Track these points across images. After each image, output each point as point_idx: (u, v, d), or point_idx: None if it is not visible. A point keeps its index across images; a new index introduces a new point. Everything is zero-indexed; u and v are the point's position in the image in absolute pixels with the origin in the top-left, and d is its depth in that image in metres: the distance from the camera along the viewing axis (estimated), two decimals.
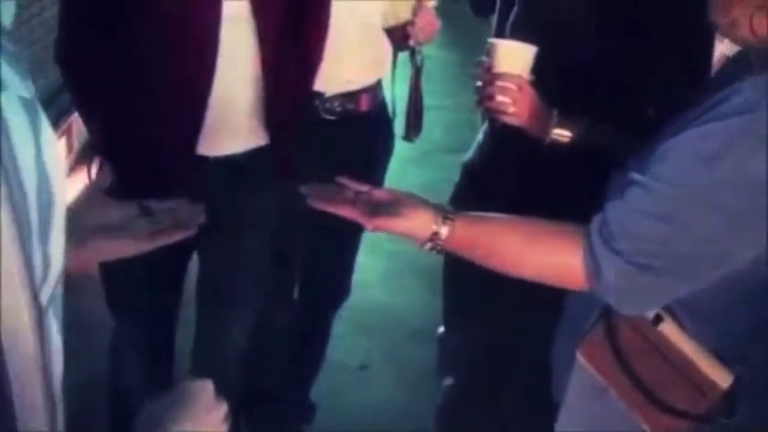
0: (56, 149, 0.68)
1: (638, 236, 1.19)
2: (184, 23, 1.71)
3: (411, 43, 2.14)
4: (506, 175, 1.87)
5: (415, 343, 3.13)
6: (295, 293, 2.49)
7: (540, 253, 1.28)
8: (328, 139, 2.14)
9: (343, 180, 1.38)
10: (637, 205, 1.20)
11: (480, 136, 2.00)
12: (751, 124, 1.12)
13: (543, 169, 1.79)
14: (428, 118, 2.36)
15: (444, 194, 2.03)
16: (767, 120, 1.10)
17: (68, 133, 3.82)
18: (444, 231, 1.28)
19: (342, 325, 2.88)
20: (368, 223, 1.30)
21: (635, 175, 1.22)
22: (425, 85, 2.29)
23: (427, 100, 2.31)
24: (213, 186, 1.87)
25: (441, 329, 2.44)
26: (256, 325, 2.14)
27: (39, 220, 0.64)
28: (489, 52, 1.69)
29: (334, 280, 2.51)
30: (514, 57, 1.67)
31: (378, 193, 1.36)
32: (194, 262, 2.11)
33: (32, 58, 3.45)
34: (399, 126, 2.36)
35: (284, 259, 2.30)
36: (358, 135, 2.22)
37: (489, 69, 1.67)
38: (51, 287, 0.66)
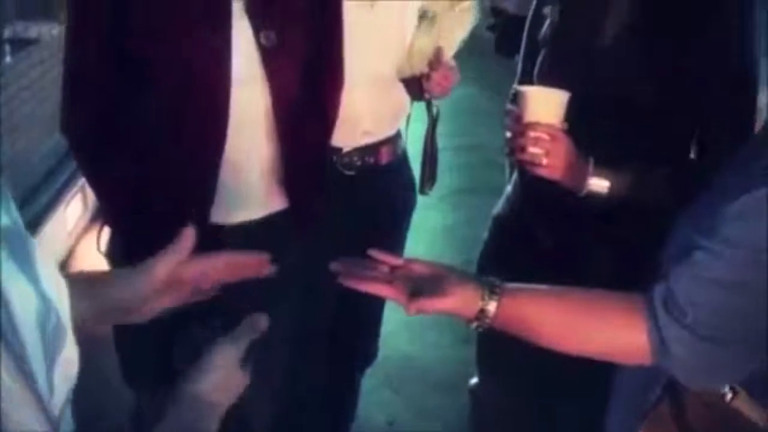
0: (55, 272, 0.68)
1: (710, 308, 1.08)
2: (192, 87, 1.63)
3: (426, 96, 2.06)
4: (539, 230, 1.76)
5: (441, 395, 3.03)
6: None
7: (600, 331, 1.16)
8: (349, 195, 2.04)
9: (376, 253, 1.26)
10: (707, 273, 1.09)
11: (509, 188, 1.89)
12: None
13: (578, 223, 1.68)
14: (443, 160, 2.27)
15: (465, 236, 1.94)
16: None
17: (83, 191, 3.75)
18: (491, 307, 1.17)
19: (366, 380, 2.77)
20: (410, 306, 1.18)
21: (700, 239, 1.11)
22: (442, 127, 2.21)
23: (442, 142, 2.23)
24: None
25: (473, 380, 2.32)
26: (283, 389, 2.05)
27: (44, 352, 0.63)
28: (518, 100, 1.59)
29: (362, 341, 2.42)
30: (546, 105, 1.57)
31: (417, 268, 1.24)
32: None
33: (45, 115, 3.38)
34: None
35: (312, 321, 2.21)
36: (380, 188, 2.13)
37: (519, 118, 1.57)
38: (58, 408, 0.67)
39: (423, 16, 2.06)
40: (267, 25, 1.65)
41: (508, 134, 1.60)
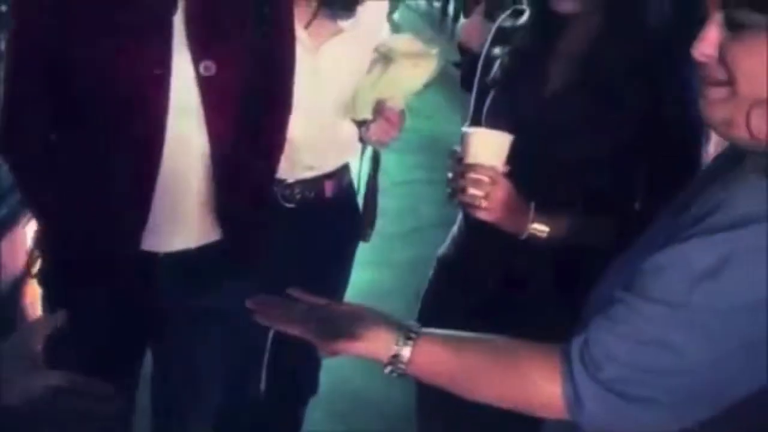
0: None
1: (626, 363, 1.04)
2: (128, 113, 1.60)
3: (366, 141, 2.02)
4: (483, 272, 1.73)
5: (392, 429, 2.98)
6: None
7: (516, 383, 1.12)
8: (290, 228, 2.01)
9: (297, 293, 1.23)
10: (624, 327, 1.05)
11: (455, 229, 1.86)
12: (749, 238, 0.99)
13: (523, 266, 1.66)
14: (418, 192, 2.24)
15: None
16: (765, 235, 0.97)
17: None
18: (405, 353, 1.13)
19: (318, 412, 2.72)
20: (323, 349, 1.15)
21: (620, 293, 1.08)
22: (419, 158, 2.17)
23: (418, 174, 2.20)
24: (164, 282, 1.75)
25: None
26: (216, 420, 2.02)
27: None
28: (461, 140, 1.56)
29: (302, 374, 2.36)
30: (488, 146, 1.54)
31: (336, 308, 1.21)
32: None
33: None
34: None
35: (249, 352, 2.18)
36: (322, 222, 2.09)
37: (461, 159, 1.54)
38: None
39: (380, 56, 2.00)
40: (207, 55, 1.61)
41: (450, 175, 1.58)
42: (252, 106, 1.73)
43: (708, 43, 1.04)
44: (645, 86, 1.53)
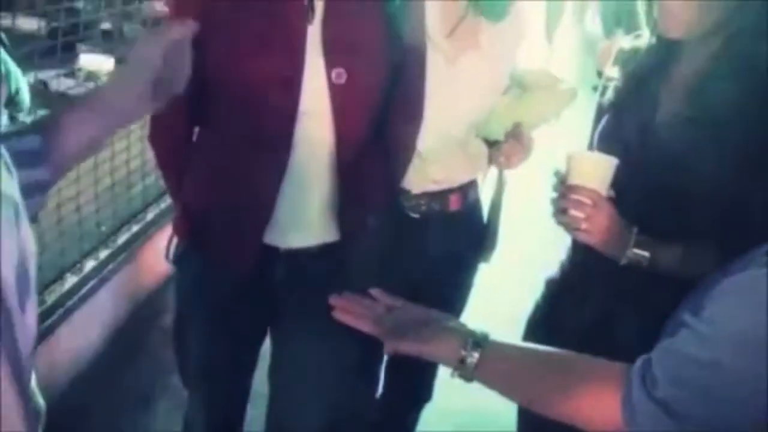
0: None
1: (683, 383, 1.06)
2: (261, 114, 1.71)
3: (494, 164, 2.06)
4: (587, 296, 1.74)
5: None
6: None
7: (575, 397, 1.16)
8: (413, 237, 2.08)
9: (376, 293, 1.31)
10: (685, 349, 1.08)
11: (564, 252, 1.88)
12: None
13: (627, 293, 1.66)
14: None
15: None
16: None
17: None
18: (472, 359, 1.19)
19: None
20: (388, 345, 1.22)
21: (685, 316, 1.10)
22: None
23: None
24: (284, 276, 1.86)
25: None
26: (333, 416, 2.07)
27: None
28: (566, 162, 1.59)
29: (418, 380, 2.43)
30: (591, 169, 1.56)
31: (412, 310, 1.28)
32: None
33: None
34: None
35: (366, 353, 2.25)
36: (445, 235, 2.14)
37: (563, 180, 1.58)
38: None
39: (517, 84, 2.05)
40: (340, 64, 1.70)
41: (554, 195, 1.61)
42: (382, 115, 1.82)
43: None
44: (757, 122, 1.50)
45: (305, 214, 1.82)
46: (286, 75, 1.69)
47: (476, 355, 1.19)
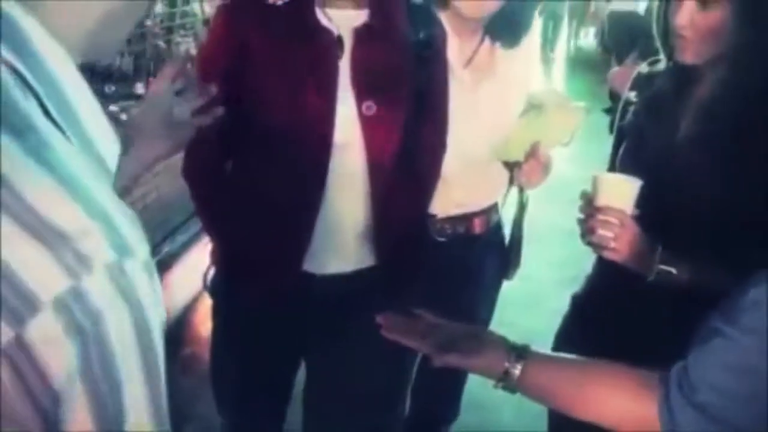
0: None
1: (721, 390, 1.13)
2: (296, 147, 1.79)
3: (515, 183, 2.15)
4: (614, 311, 1.80)
5: None
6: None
7: (614, 403, 1.23)
8: (439, 260, 2.15)
9: (420, 312, 1.38)
10: (721, 357, 1.14)
11: (590, 269, 1.95)
12: None
13: (653, 307, 1.72)
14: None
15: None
16: None
17: None
18: (515, 371, 1.26)
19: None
20: (437, 359, 1.29)
21: (720, 325, 1.16)
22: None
23: None
24: (320, 300, 1.92)
25: None
26: None
27: None
28: (592, 184, 1.67)
29: (445, 398, 2.49)
30: (616, 191, 1.64)
31: (453, 327, 1.35)
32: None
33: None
34: None
35: (396, 373, 2.31)
36: (470, 256, 2.23)
37: (591, 202, 1.65)
38: None
39: (531, 106, 2.15)
40: (369, 96, 1.79)
41: (581, 216, 1.68)
42: (409, 144, 1.89)
43: None
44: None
45: (341, 241, 1.89)
46: (320, 109, 1.77)
47: (519, 366, 1.26)
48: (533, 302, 2.15)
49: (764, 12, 1.59)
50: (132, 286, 0.62)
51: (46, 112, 0.66)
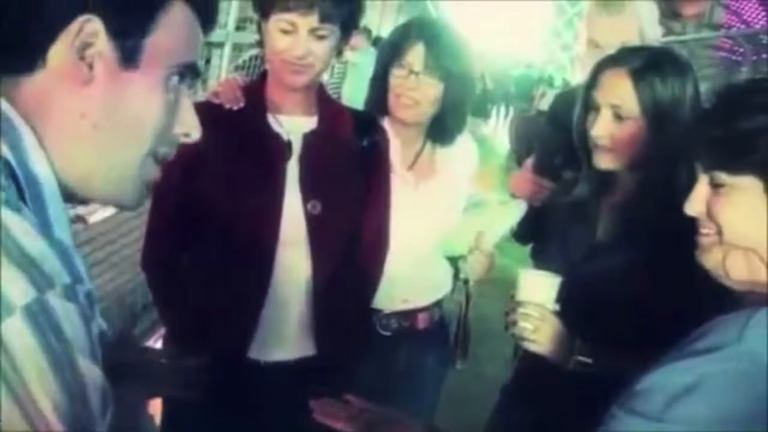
0: None
1: None
2: (245, 242, 1.92)
3: (461, 276, 2.27)
4: (533, 399, 1.90)
5: None
6: None
7: None
8: (383, 353, 2.25)
9: (350, 398, 1.48)
10: None
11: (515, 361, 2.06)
12: (720, 362, 1.17)
13: (570, 392, 1.82)
14: None
15: None
16: (734, 359, 1.15)
17: None
18: None
19: None
20: None
21: (615, 409, 1.27)
22: None
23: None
24: (266, 387, 2.01)
25: None
26: None
27: None
28: (516, 280, 1.79)
29: None
30: (536, 286, 1.77)
31: (382, 412, 1.46)
32: None
33: None
34: None
35: None
36: (413, 351, 2.33)
37: (513, 296, 1.78)
38: None
39: (473, 204, 2.31)
40: (315, 196, 1.93)
41: (506, 311, 1.80)
42: (353, 242, 2.03)
43: (697, 200, 1.29)
44: (675, 241, 1.70)
45: (284, 331, 2.00)
46: (267, 207, 1.91)
47: None
48: (488, 398, 2.22)
49: (674, 124, 1.75)
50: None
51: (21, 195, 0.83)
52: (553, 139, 2.49)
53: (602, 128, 1.79)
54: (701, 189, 1.31)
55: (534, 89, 14.77)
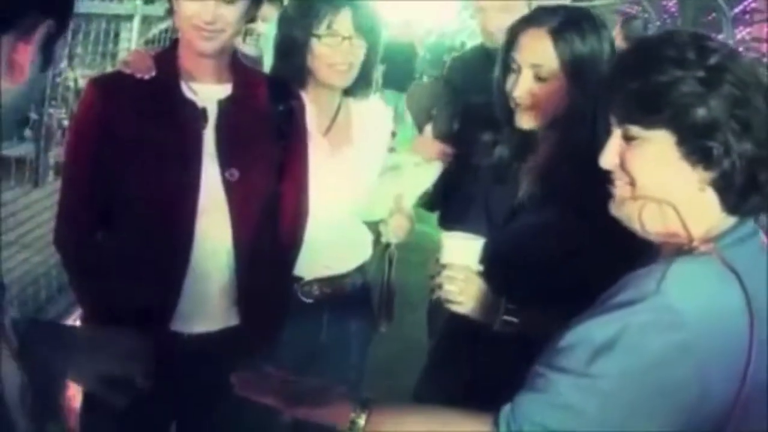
0: None
1: (541, 426, 1.23)
2: (163, 213, 1.88)
3: (382, 239, 2.27)
4: (463, 358, 1.91)
5: None
6: None
7: None
8: (306, 321, 2.24)
9: (271, 370, 1.46)
10: (542, 396, 1.24)
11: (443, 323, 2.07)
12: (640, 313, 1.19)
13: (497, 352, 1.83)
14: None
15: None
16: (653, 310, 1.19)
17: None
18: (360, 420, 1.35)
19: None
20: (287, 411, 1.37)
21: (539, 367, 1.28)
22: None
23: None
24: (190, 359, 1.97)
25: None
26: None
27: None
28: (440, 243, 1.79)
29: None
30: (460, 248, 1.77)
31: (305, 382, 1.44)
32: None
33: None
34: None
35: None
36: (337, 317, 2.32)
37: (437, 260, 1.77)
38: None
39: (388, 167, 2.31)
40: (232, 164, 1.90)
41: (431, 274, 1.80)
42: (272, 209, 2.01)
43: (611, 153, 1.30)
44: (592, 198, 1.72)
45: (207, 302, 1.97)
46: (185, 176, 1.87)
47: (364, 416, 1.35)
48: (416, 365, 2.24)
49: (593, 81, 1.76)
50: None
51: None
52: (451, 104, 2.53)
53: (523, 88, 1.79)
54: (615, 142, 1.32)
55: (445, 56, 14.84)
